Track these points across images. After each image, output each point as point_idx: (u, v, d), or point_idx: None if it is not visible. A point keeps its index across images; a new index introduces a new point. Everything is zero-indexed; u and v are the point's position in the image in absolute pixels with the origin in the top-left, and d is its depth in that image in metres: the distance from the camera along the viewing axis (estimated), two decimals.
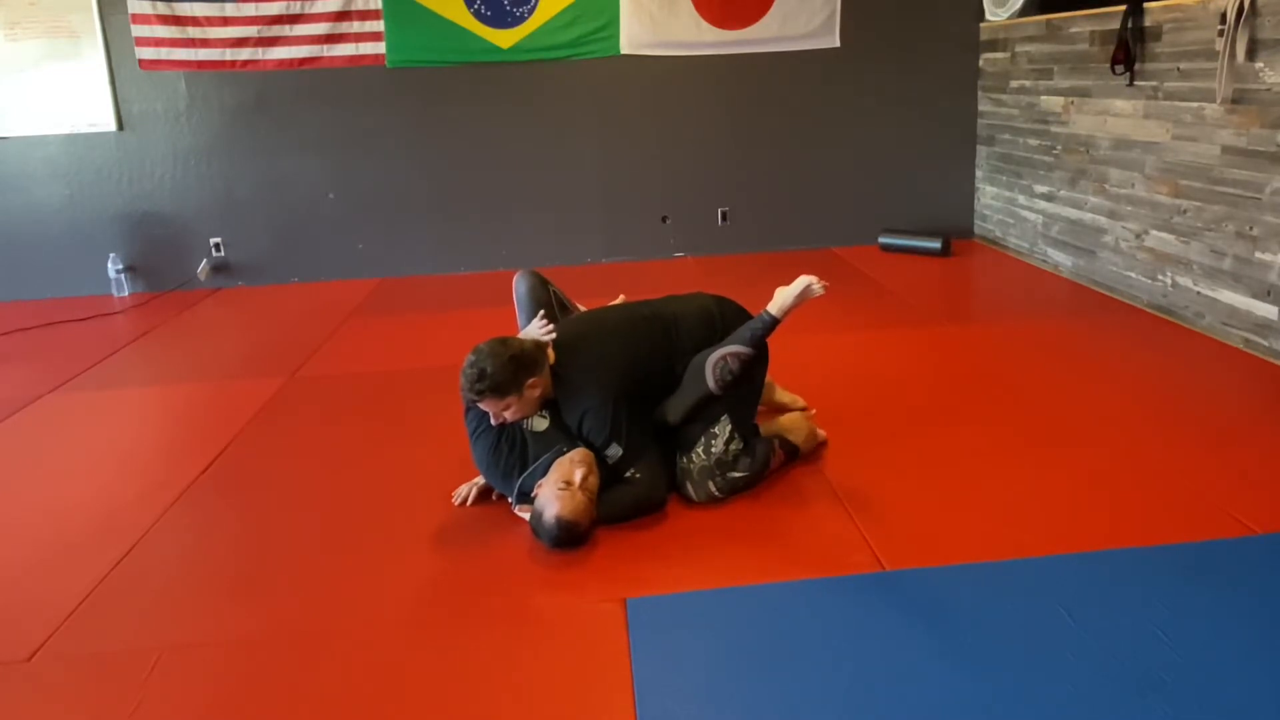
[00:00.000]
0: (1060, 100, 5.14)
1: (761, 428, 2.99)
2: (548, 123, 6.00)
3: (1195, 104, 4.06)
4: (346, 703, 2.01)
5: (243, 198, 5.94)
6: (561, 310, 3.20)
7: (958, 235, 6.22)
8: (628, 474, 2.74)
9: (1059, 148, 5.18)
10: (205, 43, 5.65)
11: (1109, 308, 4.61)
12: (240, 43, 5.68)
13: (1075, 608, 2.18)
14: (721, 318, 2.94)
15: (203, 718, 1.99)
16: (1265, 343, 3.77)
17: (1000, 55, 5.79)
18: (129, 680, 2.11)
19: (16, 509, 3.03)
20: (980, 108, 6.10)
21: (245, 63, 5.72)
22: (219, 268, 6.04)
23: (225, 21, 5.63)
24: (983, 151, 6.12)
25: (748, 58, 5.96)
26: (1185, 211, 4.18)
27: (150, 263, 5.96)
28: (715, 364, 2.76)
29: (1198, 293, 4.14)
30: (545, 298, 3.16)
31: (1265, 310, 3.75)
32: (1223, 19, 3.75)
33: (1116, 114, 4.64)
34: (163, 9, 5.58)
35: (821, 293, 2.80)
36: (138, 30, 5.60)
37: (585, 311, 3.23)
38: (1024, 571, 2.35)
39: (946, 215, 6.25)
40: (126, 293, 5.91)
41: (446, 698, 2.01)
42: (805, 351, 4.01)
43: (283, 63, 5.74)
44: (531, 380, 2.66)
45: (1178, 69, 4.16)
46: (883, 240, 6.09)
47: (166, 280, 5.99)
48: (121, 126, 5.77)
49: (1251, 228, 3.78)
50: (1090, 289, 4.92)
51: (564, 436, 2.74)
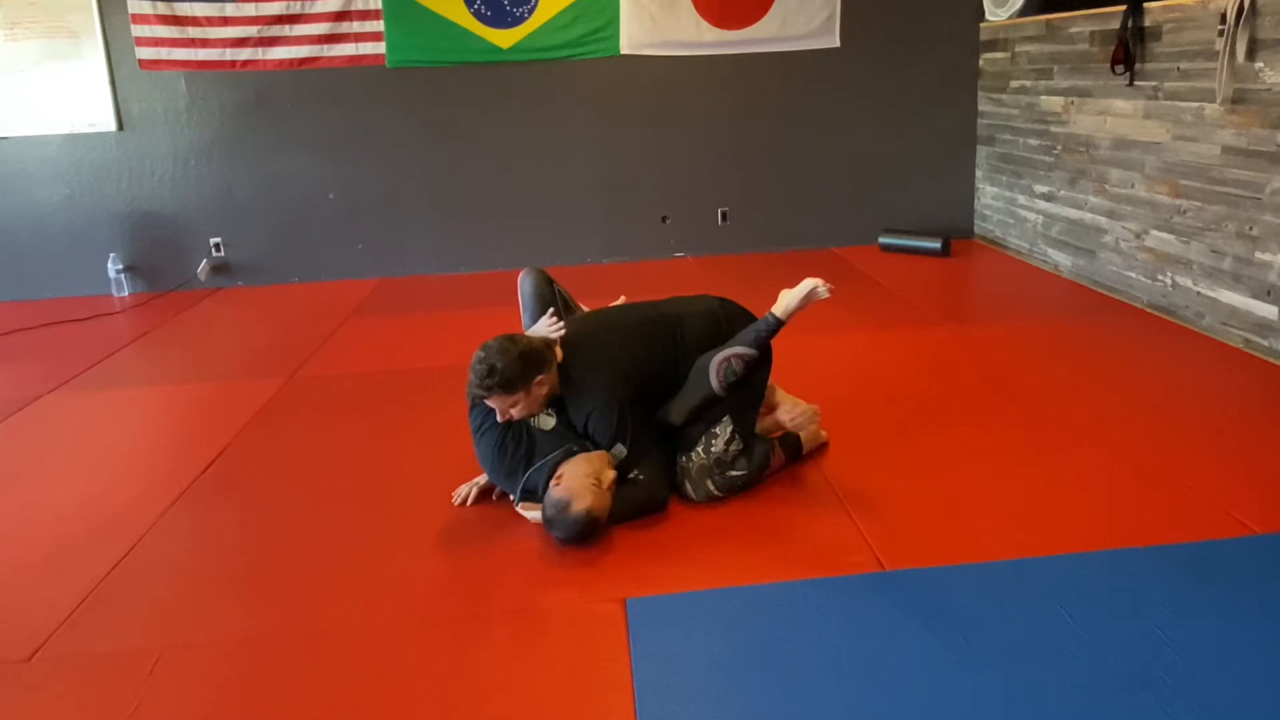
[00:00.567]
0: (1060, 100, 5.14)
1: (764, 420, 2.98)
2: (548, 123, 6.00)
3: (1195, 104, 4.06)
4: (346, 703, 2.01)
5: (243, 198, 5.94)
6: (566, 309, 3.20)
7: (958, 235, 6.22)
8: (632, 474, 2.74)
9: (1059, 148, 5.18)
10: (205, 43, 5.65)
11: (1109, 308, 4.61)
12: (240, 43, 5.68)
13: (1075, 608, 2.18)
14: (726, 320, 2.95)
15: (203, 718, 1.99)
16: (1265, 343, 3.77)
17: (1000, 55, 5.79)
18: (129, 680, 2.11)
19: (16, 509, 3.03)
20: (980, 108, 6.10)
21: (245, 63, 5.72)
22: (219, 268, 6.04)
23: (225, 21, 5.63)
24: (983, 151, 6.12)
25: (748, 58, 5.96)
26: (1185, 211, 4.18)
27: (150, 263, 5.96)
28: (719, 365, 2.76)
29: (1198, 293, 4.14)
30: (550, 296, 3.16)
31: (1265, 310, 3.75)
32: (1223, 19, 3.75)
33: (1116, 114, 4.64)
34: (163, 9, 5.58)
35: (827, 295, 2.80)
36: (138, 30, 5.60)
37: (592, 311, 3.23)
38: (1024, 571, 2.35)
39: (946, 215, 6.25)
40: (126, 293, 5.91)
41: (446, 697, 2.01)
42: (805, 352, 4.01)
43: (283, 63, 5.74)
44: (539, 377, 2.66)
45: (1178, 69, 4.16)
46: (883, 240, 6.09)
47: (166, 280, 5.99)
48: (121, 126, 5.77)
49: (1251, 228, 3.78)
50: (1090, 289, 4.92)
51: (572, 434, 2.75)
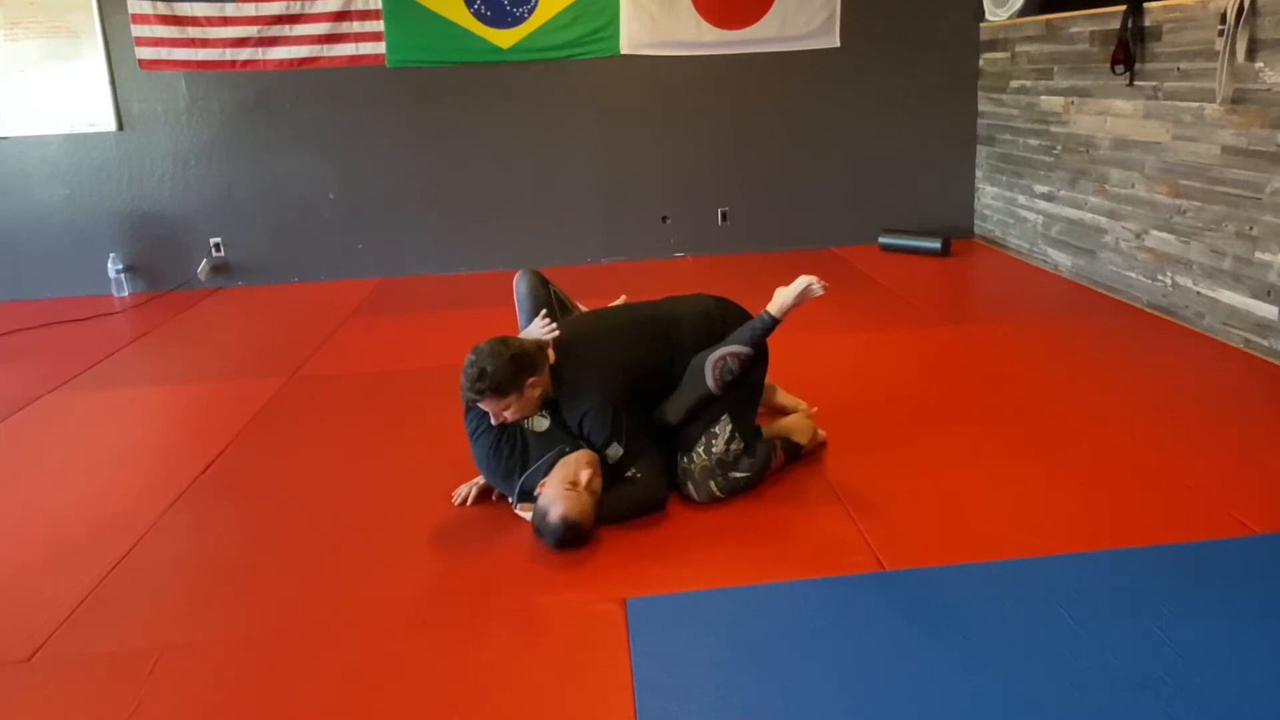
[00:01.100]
0: (1060, 100, 5.14)
1: (763, 429, 2.99)
2: (548, 123, 6.00)
3: (1195, 104, 4.06)
4: (346, 702, 2.01)
5: (243, 198, 5.94)
6: (562, 310, 3.20)
7: (958, 235, 6.22)
8: (628, 474, 2.74)
9: (1059, 148, 5.18)
10: (205, 43, 5.65)
11: (1109, 308, 4.61)
12: (240, 43, 5.68)
13: (1075, 608, 2.18)
14: (722, 318, 2.94)
15: (203, 718, 1.99)
16: (1265, 343, 3.77)
17: (1000, 55, 5.79)
18: (129, 680, 2.11)
19: (16, 509, 3.03)
20: (980, 108, 6.10)
21: (245, 63, 5.72)
22: (219, 268, 6.04)
23: (225, 21, 5.63)
24: (983, 151, 6.12)
25: (748, 58, 5.96)
26: (1185, 211, 4.18)
27: (150, 263, 5.96)
28: (715, 364, 2.76)
29: (1198, 293, 4.14)
30: (546, 297, 3.16)
31: (1265, 310, 3.75)
32: (1223, 19, 3.75)
33: (1116, 114, 4.64)
34: (163, 9, 5.58)
35: (821, 293, 2.80)
36: (138, 30, 5.60)
37: (586, 312, 3.23)
38: (1024, 571, 2.35)
39: (946, 215, 6.25)
40: (126, 293, 5.91)
41: (446, 697, 2.01)
42: (805, 351, 4.01)
43: (283, 63, 5.74)
44: (532, 380, 2.66)
45: (1178, 69, 4.16)
46: (883, 240, 6.09)
47: (166, 280, 5.99)
48: (121, 126, 5.77)
49: (1251, 228, 3.78)
50: (1090, 289, 4.92)
51: (565, 436, 2.74)
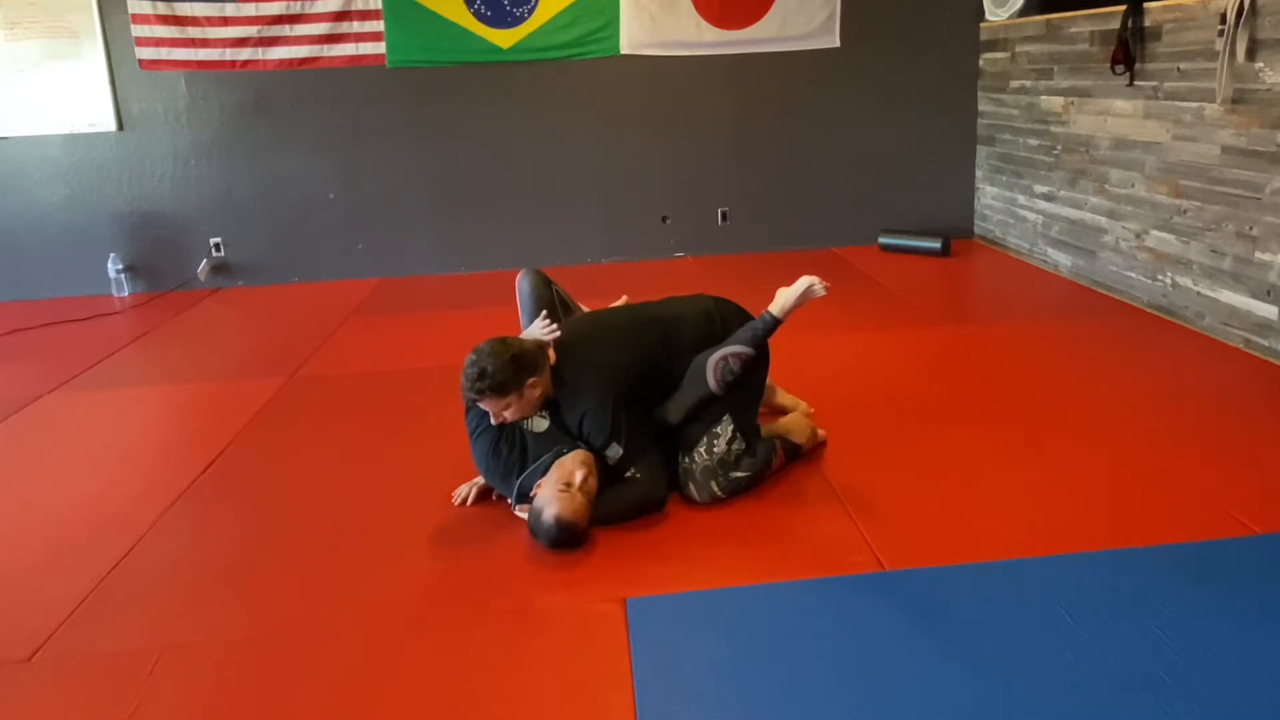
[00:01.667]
0: (1060, 100, 5.14)
1: (763, 429, 2.99)
2: (548, 123, 6.00)
3: (1195, 104, 4.06)
4: (346, 702, 2.01)
5: (243, 198, 5.94)
6: (564, 310, 3.20)
7: (958, 235, 6.21)
8: (628, 474, 2.74)
9: (1059, 148, 5.18)
10: (205, 43, 5.65)
11: (1109, 308, 4.61)
12: (240, 43, 5.68)
13: (1075, 608, 2.18)
14: (722, 319, 2.94)
15: (203, 718, 1.99)
16: (1265, 343, 3.77)
17: (1000, 55, 5.79)
18: (129, 680, 2.11)
19: (16, 509, 3.03)
20: (980, 108, 6.10)
21: (245, 63, 5.72)
22: (219, 268, 6.04)
23: (225, 21, 5.63)
24: (983, 151, 6.12)
25: (748, 58, 5.96)
26: (1185, 211, 4.18)
27: (150, 263, 5.96)
28: (716, 364, 2.76)
29: (1198, 293, 4.14)
30: (548, 297, 3.16)
31: (1265, 310, 3.75)
32: (1223, 19, 3.75)
33: (1116, 114, 4.64)
34: (163, 9, 5.58)
35: (823, 293, 2.80)
36: (138, 30, 5.60)
37: (586, 312, 3.23)
38: (1024, 571, 2.35)
39: (946, 215, 6.25)
40: (126, 293, 5.91)
41: (446, 697, 2.01)
42: (805, 351, 4.01)
43: (283, 63, 5.74)
44: (532, 380, 2.66)
45: (1178, 69, 4.16)
46: (883, 240, 6.09)
47: (166, 280, 5.99)
48: (121, 126, 5.77)
49: (1251, 228, 3.78)
50: (1090, 289, 4.92)
51: (564, 437, 2.74)
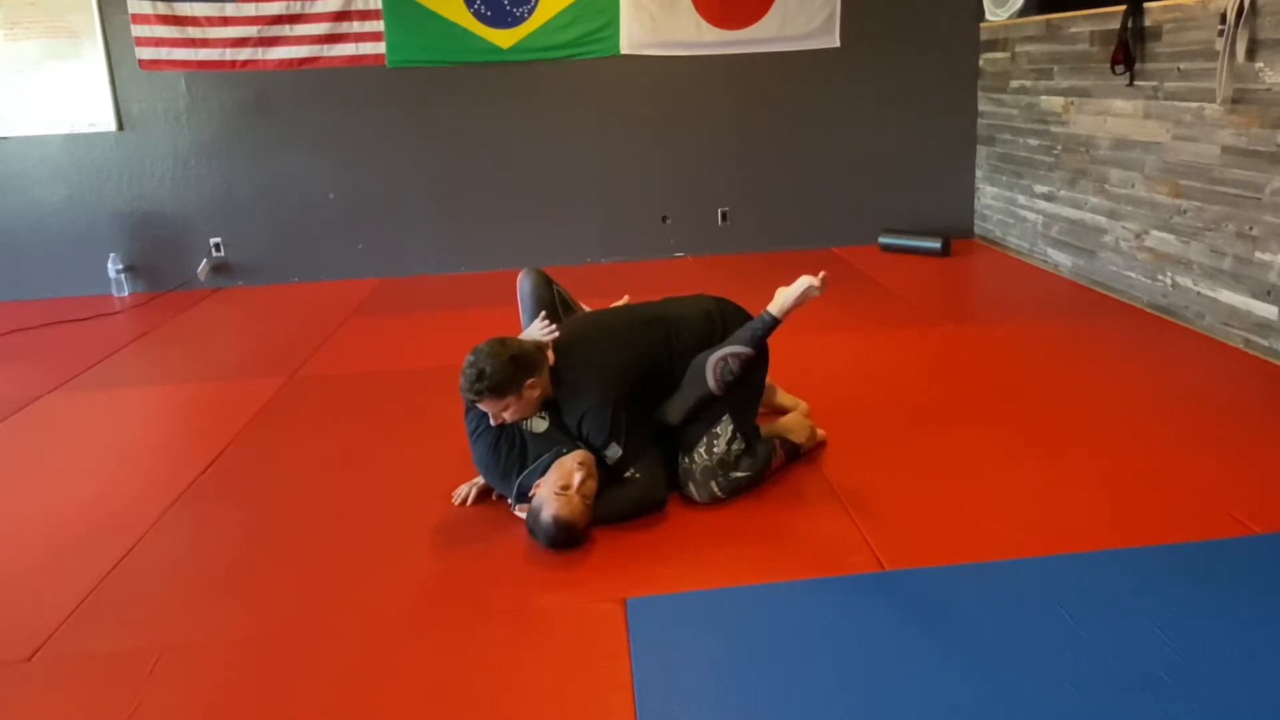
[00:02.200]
0: (1060, 100, 5.14)
1: (762, 429, 2.99)
2: (548, 123, 6.00)
3: (1195, 104, 4.06)
4: (346, 702, 2.01)
5: (243, 198, 5.94)
6: (565, 310, 3.20)
7: (958, 235, 6.22)
8: (627, 474, 2.74)
9: (1059, 148, 5.18)
10: (205, 43, 5.65)
11: (1109, 308, 4.61)
12: (240, 43, 5.68)
13: (1075, 608, 2.18)
14: (722, 319, 2.94)
15: (203, 718, 1.99)
16: (1265, 343, 3.77)
17: (1000, 55, 5.79)
18: (129, 680, 2.11)
19: (16, 509, 3.03)
20: (980, 108, 6.10)
21: (245, 63, 5.72)
22: (219, 268, 6.04)
23: (225, 21, 5.63)
24: (983, 151, 6.12)
25: (748, 58, 5.96)
26: (1185, 211, 4.18)
27: (150, 263, 5.96)
28: (716, 364, 2.76)
29: (1198, 293, 4.14)
30: (549, 297, 3.16)
31: (1265, 310, 3.75)
32: (1223, 19, 3.75)
33: (1116, 114, 4.64)
34: (163, 9, 5.58)
35: (822, 293, 2.80)
36: (138, 30, 5.60)
37: (586, 313, 3.23)
38: (1024, 571, 2.35)
39: (946, 215, 6.25)
40: (126, 293, 5.91)
41: (446, 697, 2.01)
42: (805, 351, 4.01)
43: (283, 63, 5.74)
44: (531, 381, 2.66)
45: (1178, 69, 4.16)
46: (883, 240, 6.09)
47: (166, 280, 5.99)
48: (121, 126, 5.77)
49: (1251, 228, 3.78)
50: (1090, 289, 4.92)
51: (564, 437, 2.74)
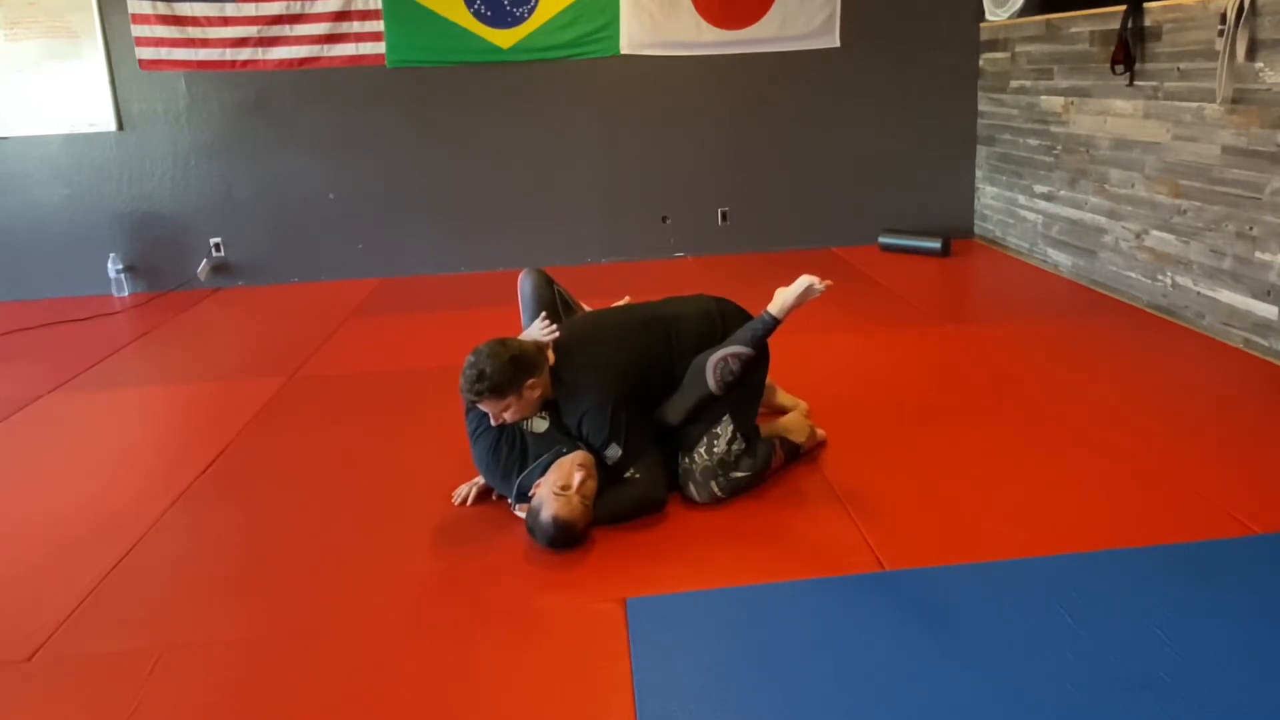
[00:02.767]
0: (1060, 100, 5.14)
1: (762, 429, 2.99)
2: (548, 123, 6.00)
3: (1195, 104, 4.06)
4: (346, 702, 2.01)
5: (243, 198, 5.94)
6: (565, 310, 3.20)
7: (958, 235, 6.22)
8: (627, 474, 2.74)
9: (1059, 148, 5.18)
10: (205, 43, 5.65)
11: (1109, 308, 4.61)
12: (240, 43, 5.68)
13: (1075, 608, 2.18)
14: (722, 319, 2.94)
15: (203, 718, 1.99)
16: (1265, 343, 3.77)
17: (1000, 55, 5.79)
18: (129, 680, 2.11)
19: (17, 509, 3.03)
20: (980, 108, 6.10)
21: (245, 63, 5.72)
22: (219, 268, 6.04)
23: (225, 21, 5.63)
24: (983, 151, 6.12)
25: (748, 58, 5.96)
26: (1185, 211, 4.18)
27: (150, 263, 5.96)
28: (716, 364, 2.76)
29: (1198, 293, 4.14)
30: (550, 297, 3.16)
31: (1265, 310, 3.75)
32: (1223, 19, 3.75)
33: (1116, 114, 4.64)
34: (163, 9, 5.58)
35: (822, 293, 2.80)
36: (138, 30, 5.60)
37: (586, 313, 3.23)
38: (1024, 571, 2.35)
39: (946, 215, 6.25)
40: (126, 293, 5.91)
41: (446, 697, 2.01)
42: (805, 351, 4.01)
43: (283, 63, 5.74)
44: (531, 381, 2.66)
45: (1178, 69, 4.16)
46: (883, 240, 6.09)
47: (166, 280, 5.99)
48: (121, 126, 5.77)
49: (1251, 228, 3.78)
50: (1090, 289, 4.92)
51: (564, 437, 2.74)
